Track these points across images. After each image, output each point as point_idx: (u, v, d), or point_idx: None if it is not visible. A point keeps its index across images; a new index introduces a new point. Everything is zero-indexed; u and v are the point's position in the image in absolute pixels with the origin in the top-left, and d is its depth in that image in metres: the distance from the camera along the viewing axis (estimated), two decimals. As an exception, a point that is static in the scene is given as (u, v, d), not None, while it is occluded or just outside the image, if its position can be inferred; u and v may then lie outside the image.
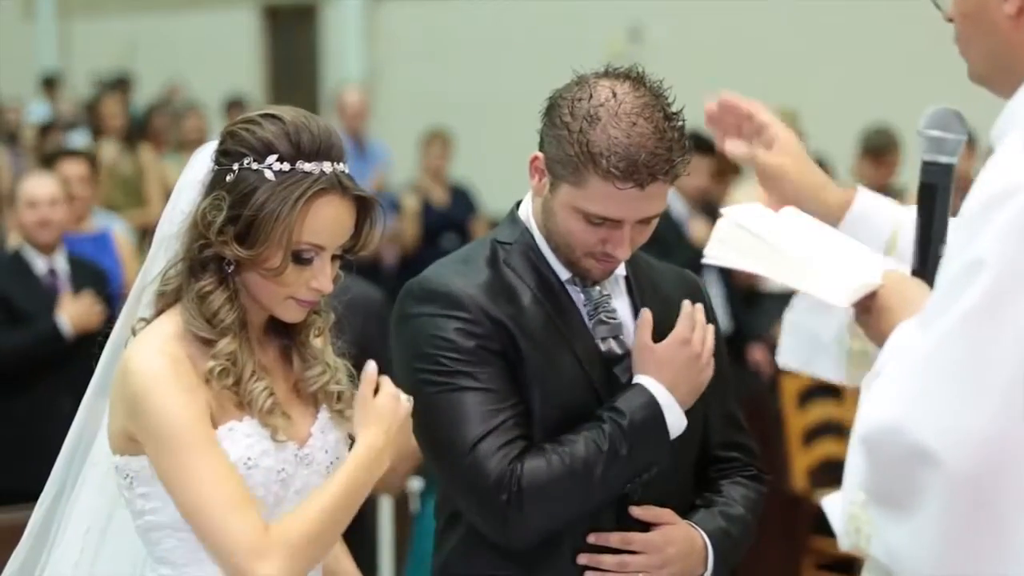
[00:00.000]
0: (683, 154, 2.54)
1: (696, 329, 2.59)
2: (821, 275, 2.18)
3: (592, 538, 2.59)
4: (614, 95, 2.53)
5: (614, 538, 2.60)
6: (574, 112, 2.53)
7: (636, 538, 2.60)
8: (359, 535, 4.68)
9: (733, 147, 2.54)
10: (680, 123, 2.56)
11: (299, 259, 2.37)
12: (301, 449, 2.44)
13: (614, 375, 2.64)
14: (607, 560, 2.59)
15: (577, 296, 2.66)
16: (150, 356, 2.35)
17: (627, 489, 2.59)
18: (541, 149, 2.60)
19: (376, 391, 2.40)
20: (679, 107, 2.58)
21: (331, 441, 2.48)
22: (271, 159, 2.36)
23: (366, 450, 2.36)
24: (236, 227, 2.35)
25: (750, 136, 2.53)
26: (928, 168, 2.16)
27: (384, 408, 2.38)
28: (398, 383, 2.52)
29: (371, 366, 2.40)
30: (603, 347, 2.64)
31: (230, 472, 2.31)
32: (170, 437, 2.31)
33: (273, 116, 2.40)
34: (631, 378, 2.62)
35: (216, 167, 2.41)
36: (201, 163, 2.45)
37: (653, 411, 2.56)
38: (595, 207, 2.54)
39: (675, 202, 6.98)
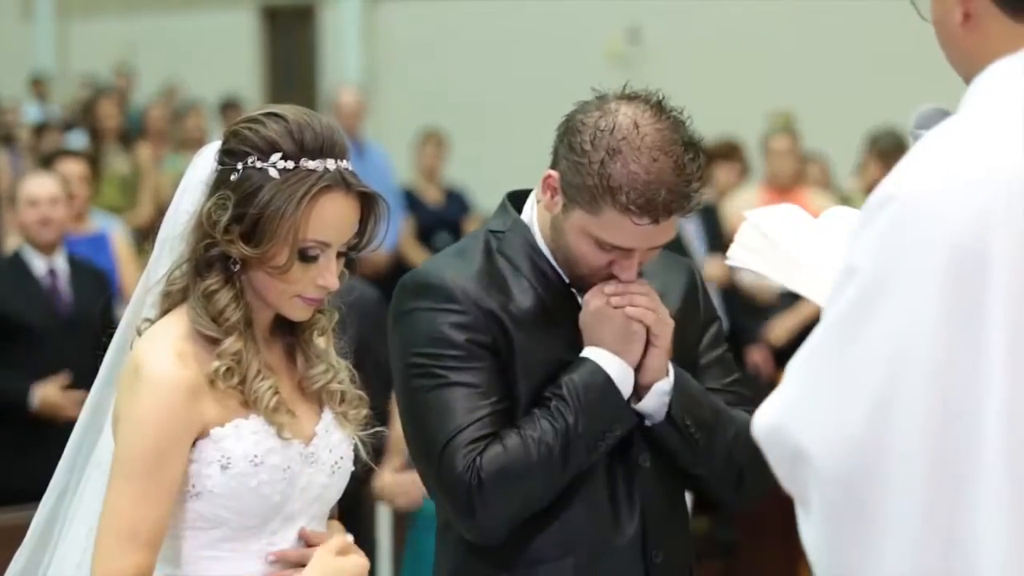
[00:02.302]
0: (700, 187, 2.55)
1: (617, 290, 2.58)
2: (822, 281, 2.22)
3: None
4: (636, 127, 2.52)
5: None
6: (595, 143, 2.52)
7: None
8: (358, 533, 4.68)
9: None
10: (699, 154, 2.56)
11: (305, 257, 2.38)
12: (306, 447, 2.44)
13: None
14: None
15: None
16: (162, 357, 2.35)
17: (592, 458, 2.58)
18: (554, 167, 2.60)
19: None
20: (697, 135, 2.58)
21: (335, 440, 2.49)
22: (275, 157, 2.37)
23: None
24: (242, 226, 2.36)
25: None
26: None
27: (348, 571, 2.43)
28: (395, 377, 2.59)
29: (349, 538, 2.48)
30: None
31: (152, 508, 2.32)
32: (127, 447, 2.33)
33: (276, 115, 2.41)
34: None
35: (220, 167, 2.41)
36: (204, 164, 2.45)
37: (596, 377, 2.56)
38: (608, 236, 2.54)
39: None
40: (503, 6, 13.87)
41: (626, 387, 2.59)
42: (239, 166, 2.38)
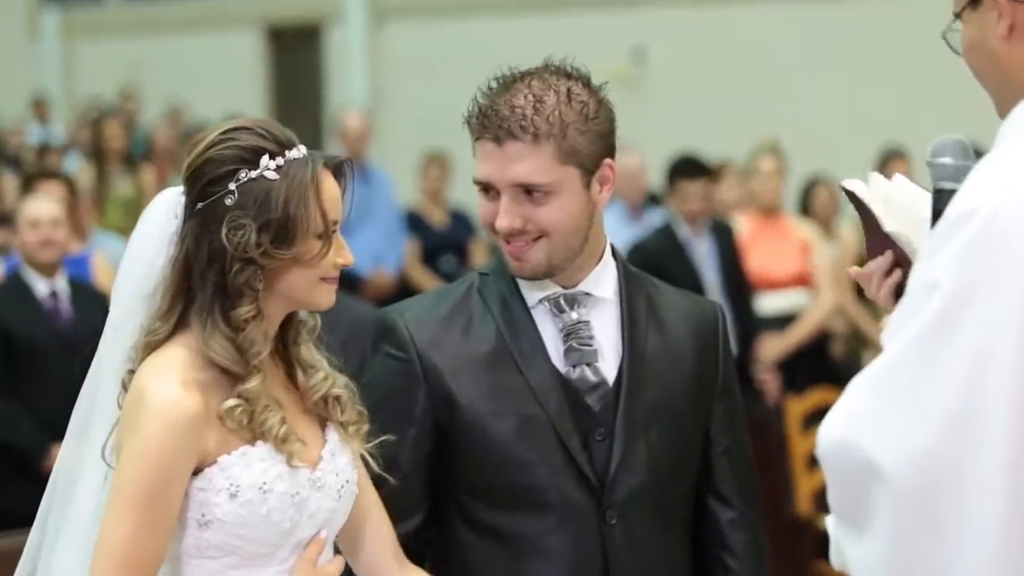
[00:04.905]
0: (557, 127, 2.51)
1: None
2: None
3: None
4: (524, 75, 2.56)
5: None
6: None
7: None
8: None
9: None
10: (587, 112, 2.54)
11: (326, 238, 2.40)
12: (313, 472, 2.43)
13: (577, 402, 2.62)
14: None
15: (548, 322, 2.64)
16: (167, 386, 2.33)
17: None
18: None
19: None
20: (606, 109, 2.59)
21: (341, 464, 2.47)
22: (264, 160, 2.37)
23: None
24: (270, 233, 2.35)
25: None
26: (940, 195, 2.20)
27: (333, 574, 2.44)
28: None
29: (323, 535, 2.44)
30: (573, 374, 2.62)
31: (153, 537, 2.30)
32: (130, 475, 2.31)
33: (236, 128, 2.42)
34: (604, 407, 2.61)
35: (203, 202, 2.38)
36: (155, 217, 2.44)
37: None
38: (476, 171, 2.57)
39: (679, 227, 7.00)
40: (508, 27, 13.89)
41: None
42: (231, 186, 2.37)
